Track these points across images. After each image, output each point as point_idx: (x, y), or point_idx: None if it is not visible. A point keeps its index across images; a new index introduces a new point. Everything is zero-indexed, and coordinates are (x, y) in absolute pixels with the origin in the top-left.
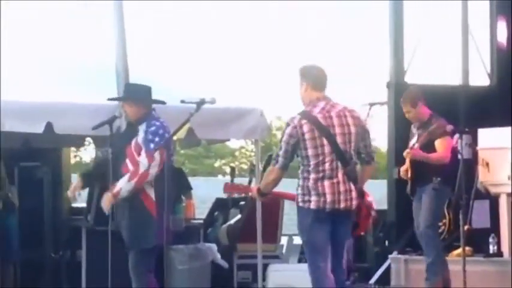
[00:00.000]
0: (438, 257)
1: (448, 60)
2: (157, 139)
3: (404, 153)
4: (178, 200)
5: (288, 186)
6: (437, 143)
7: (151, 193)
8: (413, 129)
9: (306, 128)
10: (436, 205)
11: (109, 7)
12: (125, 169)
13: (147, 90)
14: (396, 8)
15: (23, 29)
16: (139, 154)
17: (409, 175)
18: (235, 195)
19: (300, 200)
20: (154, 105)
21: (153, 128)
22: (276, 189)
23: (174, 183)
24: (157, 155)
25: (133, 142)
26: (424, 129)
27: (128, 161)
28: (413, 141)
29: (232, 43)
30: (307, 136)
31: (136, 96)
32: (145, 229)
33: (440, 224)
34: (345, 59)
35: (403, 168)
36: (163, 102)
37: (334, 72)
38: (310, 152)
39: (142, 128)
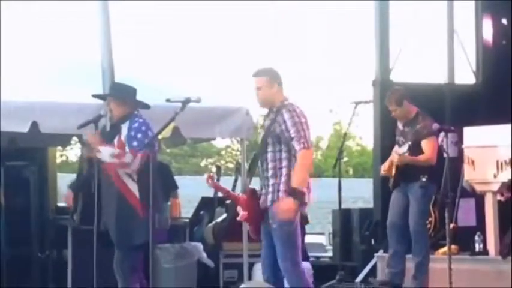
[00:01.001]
0: (427, 255)
1: (434, 58)
2: (139, 135)
3: (394, 159)
4: (165, 198)
5: None
6: (424, 144)
7: (135, 190)
8: (400, 126)
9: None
10: (424, 204)
11: (94, 5)
12: (109, 168)
13: (132, 91)
14: (382, 7)
15: (6, 28)
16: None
17: (393, 172)
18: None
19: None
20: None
21: (136, 125)
22: None
23: (159, 181)
24: (139, 155)
25: (115, 140)
26: (411, 126)
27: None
28: (401, 140)
29: (218, 42)
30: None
31: (123, 95)
32: (132, 227)
33: (427, 222)
34: (331, 57)
35: (384, 167)
36: (148, 106)
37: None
38: (309, 132)
39: (125, 126)
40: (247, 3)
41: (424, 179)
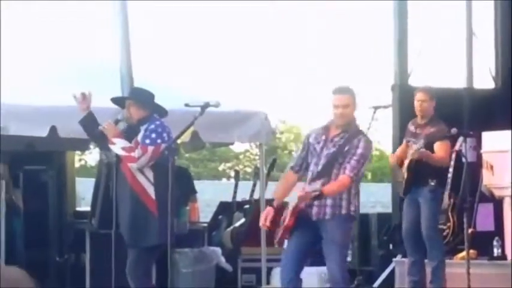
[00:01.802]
0: (442, 259)
1: (453, 63)
2: (153, 135)
3: (411, 153)
4: (184, 203)
5: None
6: (437, 146)
7: (151, 192)
8: (411, 128)
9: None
10: (434, 207)
11: (113, 8)
12: (126, 170)
13: (151, 95)
14: (400, 11)
15: (25, 30)
16: None
17: (405, 176)
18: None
19: (352, 208)
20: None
21: (152, 126)
22: None
23: (178, 185)
24: (150, 149)
25: (133, 141)
26: (423, 129)
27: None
28: (412, 141)
29: (237, 46)
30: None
31: (142, 98)
32: (145, 227)
33: (445, 227)
34: (349, 61)
35: (395, 157)
36: (165, 113)
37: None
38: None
39: (143, 128)
40: (266, 7)
41: (432, 183)
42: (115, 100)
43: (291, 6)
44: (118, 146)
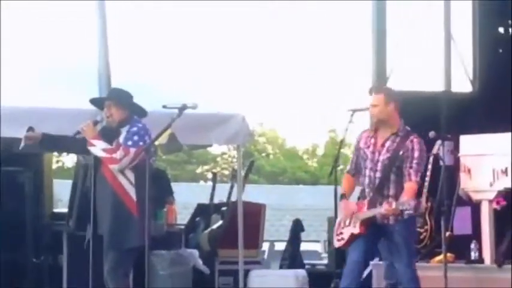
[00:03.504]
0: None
1: (431, 66)
2: (136, 137)
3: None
4: (161, 204)
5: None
6: None
7: (132, 193)
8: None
9: None
10: None
11: (91, 8)
12: (106, 171)
13: (130, 95)
14: (379, 14)
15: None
16: None
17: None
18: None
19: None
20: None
21: (134, 129)
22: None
23: (156, 187)
24: (132, 150)
25: (114, 143)
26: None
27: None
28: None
29: (215, 48)
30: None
31: (122, 99)
32: (127, 229)
33: (422, 230)
34: (328, 64)
35: None
36: (145, 113)
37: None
38: None
39: (125, 130)
40: (242, 9)
41: None
42: (94, 101)
43: (271, 8)
44: (98, 147)
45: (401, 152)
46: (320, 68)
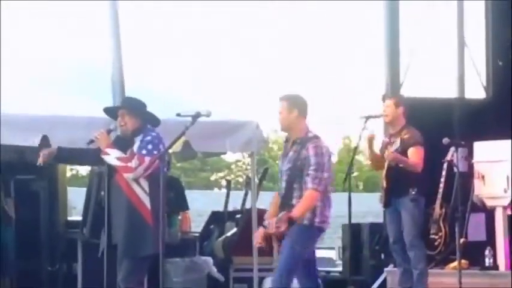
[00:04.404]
0: (425, 267)
1: (444, 72)
2: (150, 146)
3: (385, 155)
4: (176, 212)
5: None
6: (410, 152)
7: (147, 202)
8: (385, 139)
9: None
10: (417, 216)
11: (104, 14)
12: (120, 180)
13: (143, 104)
14: (392, 21)
15: (15, 38)
16: None
17: (384, 186)
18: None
19: (318, 220)
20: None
21: (148, 138)
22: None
23: (170, 195)
24: (147, 159)
25: (129, 152)
26: (397, 137)
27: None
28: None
29: (229, 55)
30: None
31: (136, 107)
32: (142, 237)
33: (436, 237)
34: (342, 71)
35: (373, 158)
36: (158, 122)
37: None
38: (328, 175)
39: (138, 139)
40: (256, 17)
41: (413, 192)
42: (107, 110)
43: (283, 14)
44: (112, 156)
45: (299, 162)
46: (334, 75)
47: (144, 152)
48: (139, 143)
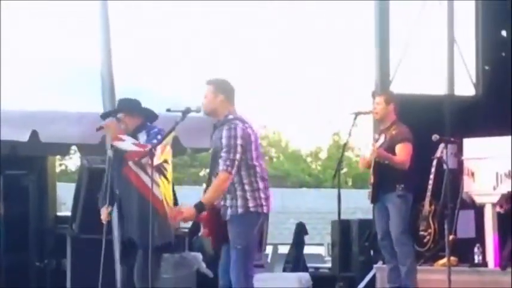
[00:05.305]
0: (413, 264)
1: (434, 69)
2: (159, 137)
3: (370, 151)
4: None
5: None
6: (398, 148)
7: (158, 192)
8: (375, 135)
9: (252, 134)
10: (404, 212)
11: (94, 11)
12: (128, 172)
13: (138, 102)
14: (382, 18)
15: (6, 34)
16: None
17: (372, 181)
18: None
19: (252, 205)
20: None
21: (155, 130)
22: None
23: None
24: (158, 149)
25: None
26: (386, 133)
27: (130, 163)
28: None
29: (218, 51)
30: (254, 141)
31: (133, 107)
32: (156, 226)
33: (426, 233)
34: (331, 68)
35: (364, 161)
36: (156, 117)
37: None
38: (257, 156)
39: (142, 134)
40: (247, 14)
41: (400, 188)
42: (104, 116)
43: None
44: (129, 142)
45: (218, 145)
46: (323, 71)
47: (155, 141)
48: (147, 136)
